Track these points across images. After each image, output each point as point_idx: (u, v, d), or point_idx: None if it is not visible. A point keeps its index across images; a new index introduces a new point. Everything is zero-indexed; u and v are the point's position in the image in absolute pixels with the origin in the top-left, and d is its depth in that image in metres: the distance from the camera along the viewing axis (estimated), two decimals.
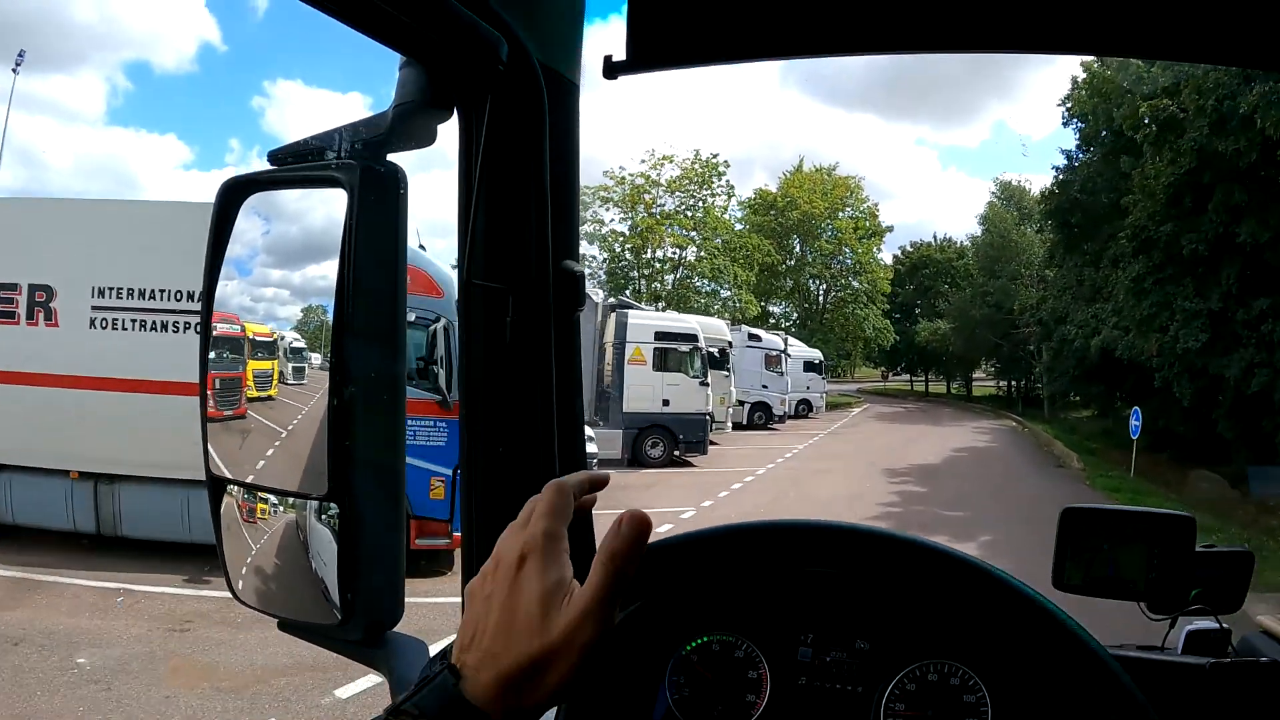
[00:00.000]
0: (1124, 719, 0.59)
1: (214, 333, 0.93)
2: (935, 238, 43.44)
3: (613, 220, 35.24)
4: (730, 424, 19.16)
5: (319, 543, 0.89)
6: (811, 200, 38.62)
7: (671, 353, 15.14)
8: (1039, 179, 38.82)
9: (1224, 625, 0.94)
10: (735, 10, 0.78)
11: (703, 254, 35.63)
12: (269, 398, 0.94)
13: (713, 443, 16.84)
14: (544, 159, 0.77)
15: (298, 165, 0.88)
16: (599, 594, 0.50)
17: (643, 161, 36.76)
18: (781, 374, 23.43)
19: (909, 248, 43.73)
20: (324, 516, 0.88)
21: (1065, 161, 22.82)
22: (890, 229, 41.74)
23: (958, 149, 60.63)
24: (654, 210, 35.45)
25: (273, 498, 0.94)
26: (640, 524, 0.52)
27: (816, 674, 0.82)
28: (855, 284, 39.56)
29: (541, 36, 0.79)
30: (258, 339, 0.98)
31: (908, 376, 45.37)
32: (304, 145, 0.89)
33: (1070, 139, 26.05)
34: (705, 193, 36.11)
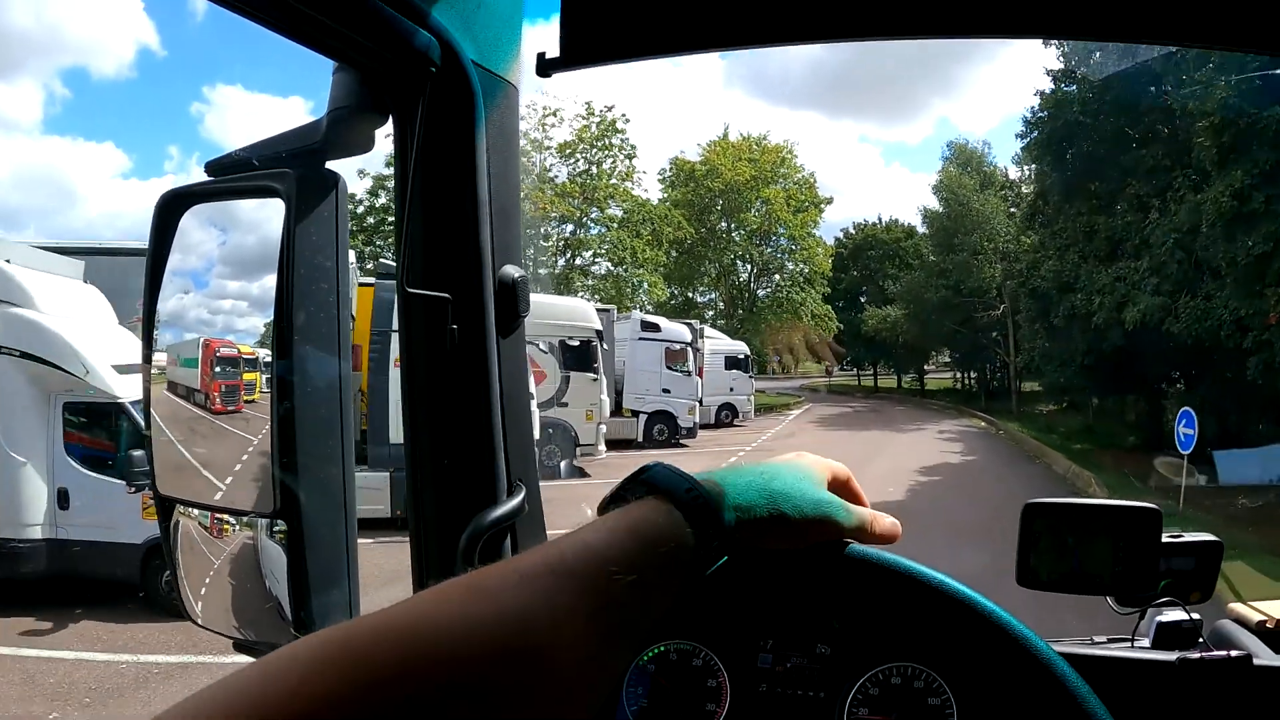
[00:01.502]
0: (1074, 714, 0.58)
1: (218, 354, 0.95)
2: (880, 220, 37.33)
3: None
4: (603, 444, 13.34)
5: (271, 560, 0.88)
6: (736, 168, 31.81)
7: None
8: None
9: (1194, 616, 0.92)
10: (671, 1, 0.76)
11: (596, 228, 29.10)
12: (252, 402, 0.96)
13: (580, 469, 12.66)
14: (481, 162, 0.76)
15: (235, 176, 0.86)
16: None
17: (522, 119, 32.97)
18: (689, 373, 17.43)
19: (851, 230, 37.49)
20: (274, 534, 0.86)
21: (1052, 85, 17.36)
22: (830, 201, 35.23)
23: (900, 145, 60.43)
24: (536, 175, 27.91)
25: (224, 516, 0.93)
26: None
27: (777, 680, 0.81)
28: (790, 265, 33.32)
29: (476, 37, 0.77)
30: (244, 357, 1.06)
31: (854, 371, 39.07)
32: (240, 155, 0.87)
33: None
34: (600, 154, 29.25)
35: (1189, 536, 0.94)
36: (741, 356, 22.08)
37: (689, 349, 17.59)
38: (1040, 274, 19.06)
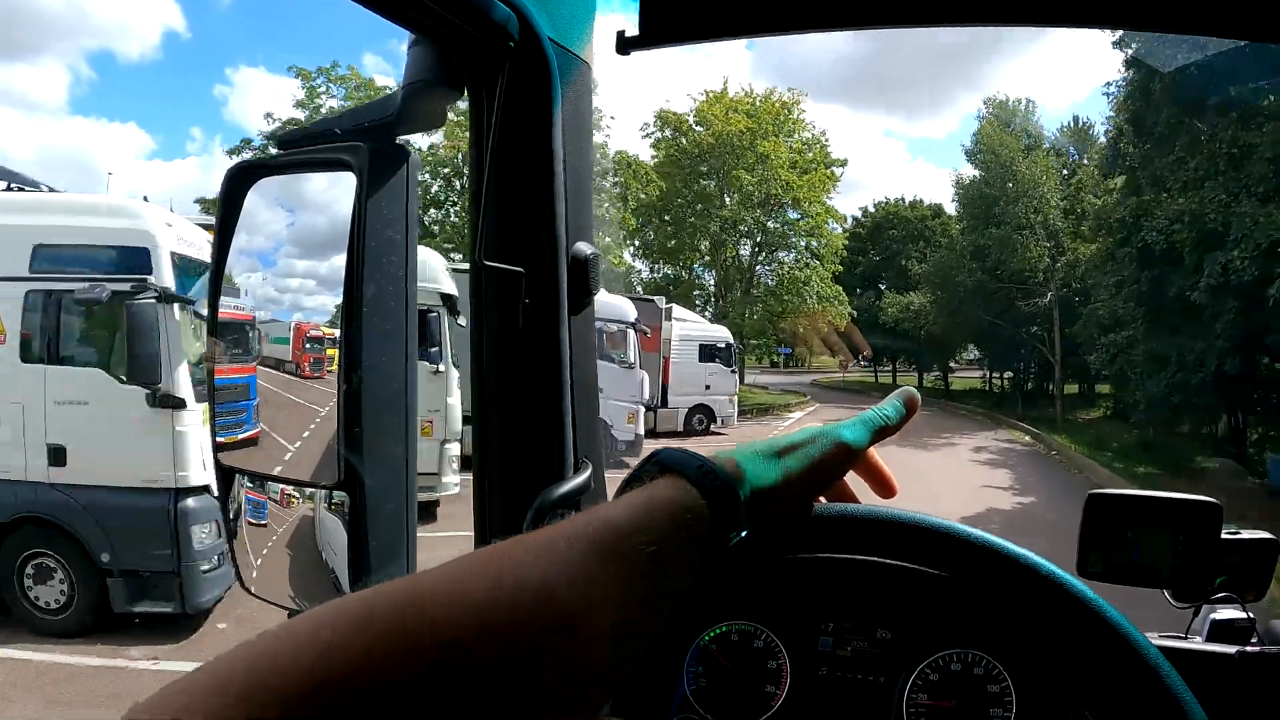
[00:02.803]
0: (1162, 711, 0.57)
1: (308, 335, 0.96)
2: (904, 200, 32.44)
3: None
4: (453, 478, 8.21)
5: (329, 533, 0.88)
6: (729, 120, 25.91)
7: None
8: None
9: (1249, 613, 0.92)
10: None
11: None
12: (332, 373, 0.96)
13: (425, 511, 7.43)
14: (556, 138, 0.76)
15: (305, 149, 0.86)
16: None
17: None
18: (631, 366, 11.81)
19: (871, 208, 32.31)
20: (333, 506, 0.87)
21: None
22: (844, 163, 28.65)
23: (926, 140, 59.87)
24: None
25: (284, 486, 0.93)
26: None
27: (837, 664, 0.81)
28: (798, 240, 27.42)
29: (552, 13, 0.77)
30: (327, 336, 1.04)
31: (871, 366, 34.22)
32: (312, 129, 0.87)
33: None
34: None
35: (1247, 534, 0.93)
36: (721, 345, 17.12)
37: (628, 332, 11.76)
38: (1146, 230, 13.10)
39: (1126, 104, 15.15)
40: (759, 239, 27.65)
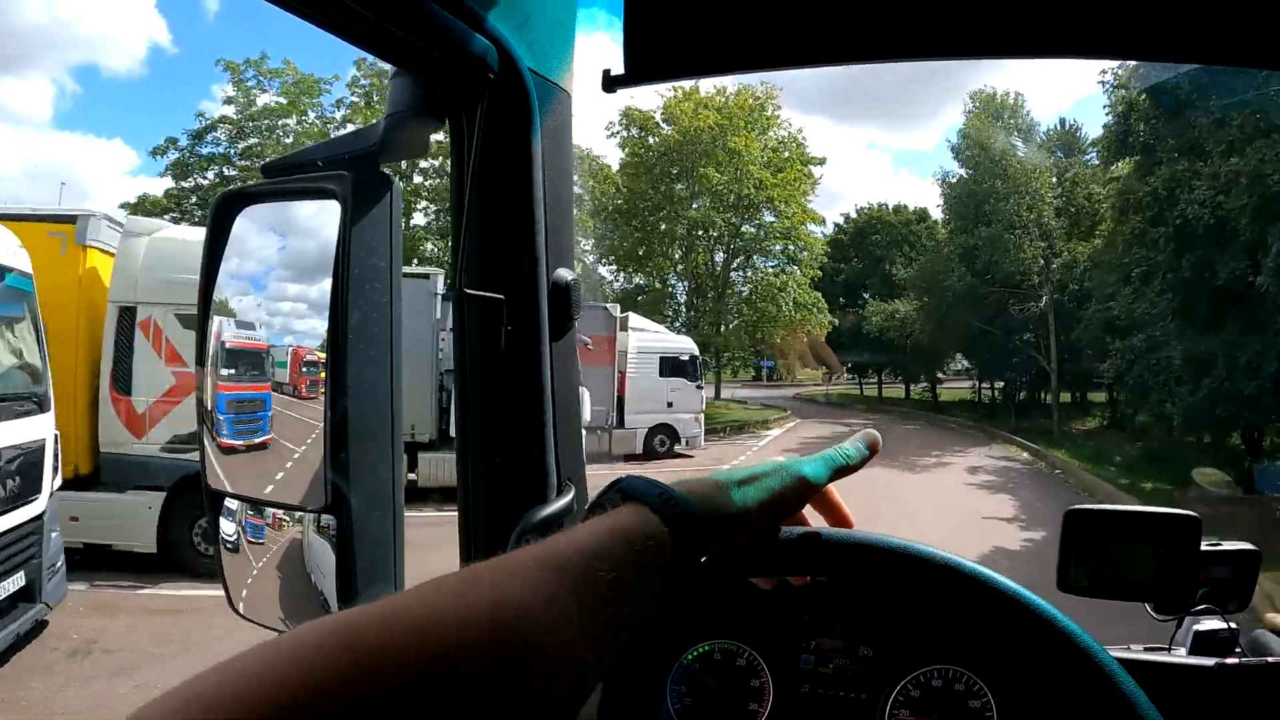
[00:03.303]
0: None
1: (305, 360, 0.97)
2: (886, 205, 30.26)
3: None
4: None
5: (318, 556, 0.89)
6: (697, 115, 23.42)
7: None
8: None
9: (1231, 624, 0.93)
10: (733, 22, 0.78)
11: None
12: None
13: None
14: (536, 167, 0.77)
15: (291, 178, 0.88)
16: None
17: None
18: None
19: (853, 214, 30.25)
20: (321, 530, 0.87)
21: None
22: (823, 161, 25.94)
23: (910, 153, 59.81)
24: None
25: (274, 511, 0.94)
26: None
27: (820, 681, 0.81)
28: (765, 239, 24.53)
29: (532, 44, 0.78)
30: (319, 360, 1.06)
31: (856, 379, 31.66)
32: (297, 157, 0.89)
33: None
34: None
35: (1228, 545, 0.94)
36: (685, 357, 15.26)
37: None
38: (1184, 204, 11.23)
39: (1137, 72, 13.39)
40: (732, 244, 24.79)
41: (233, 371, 0.98)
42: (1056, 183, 20.86)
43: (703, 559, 0.51)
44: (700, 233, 24.44)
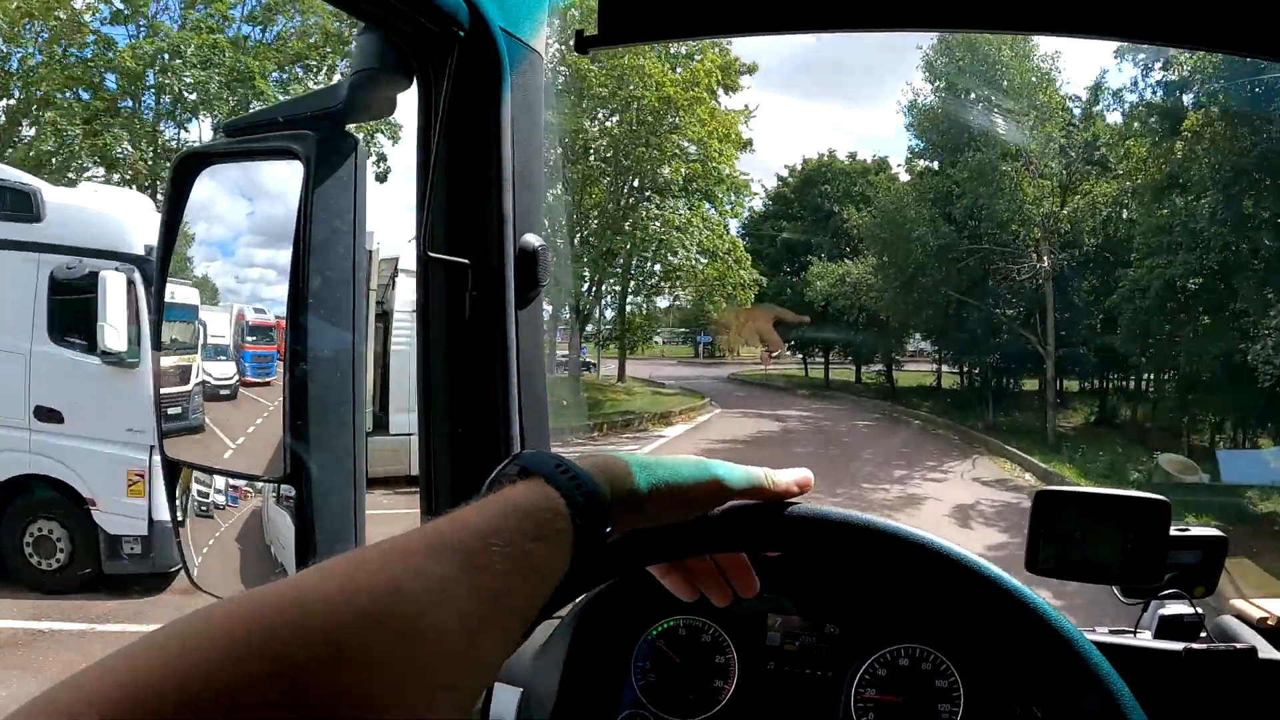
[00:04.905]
0: (1099, 700, 0.57)
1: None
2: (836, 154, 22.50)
3: None
4: None
5: (278, 527, 0.87)
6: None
7: None
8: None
9: (1198, 609, 0.93)
10: None
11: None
12: None
13: None
14: (505, 128, 0.75)
15: (253, 137, 0.85)
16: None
17: None
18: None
19: (798, 166, 22.42)
20: (282, 500, 0.85)
21: None
22: (754, 69, 17.73)
23: (872, 137, 58.78)
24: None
25: (233, 480, 0.92)
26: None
27: (785, 659, 0.81)
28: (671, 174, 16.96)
29: (503, 3, 0.76)
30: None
31: (802, 359, 23.82)
32: (260, 116, 0.86)
33: None
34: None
35: (1196, 530, 0.94)
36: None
37: None
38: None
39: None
40: (629, 178, 17.48)
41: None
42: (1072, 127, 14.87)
43: (609, 536, 0.49)
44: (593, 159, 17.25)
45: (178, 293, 0.94)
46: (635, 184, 17.38)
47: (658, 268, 18.01)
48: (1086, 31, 0.85)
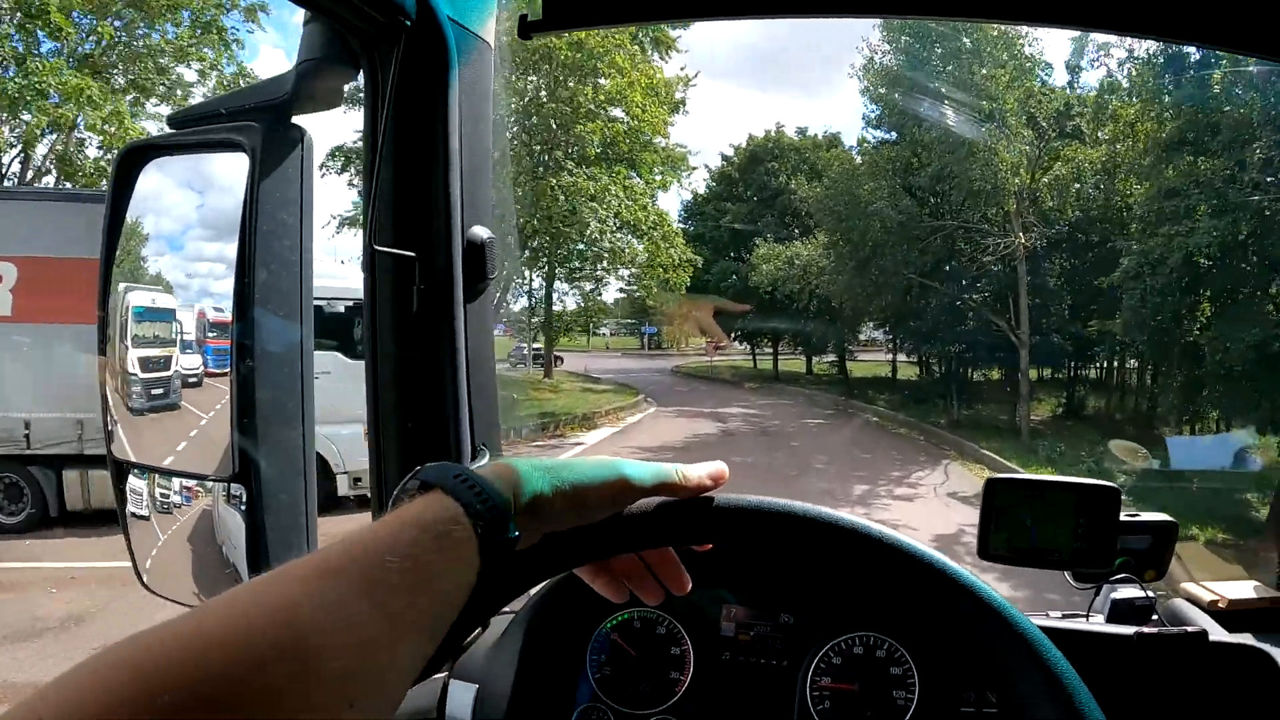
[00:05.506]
0: (1045, 684, 0.58)
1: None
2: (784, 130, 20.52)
3: None
4: None
5: (227, 527, 0.85)
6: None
7: None
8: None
9: (1149, 593, 0.94)
10: None
11: None
12: None
13: None
14: (452, 119, 0.74)
15: (199, 129, 0.84)
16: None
17: None
18: None
19: (742, 144, 20.43)
20: (232, 499, 0.84)
21: None
22: (690, 81, 15.92)
23: (824, 127, 58.08)
24: None
25: (181, 480, 0.90)
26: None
27: (740, 649, 0.81)
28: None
29: None
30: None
31: (750, 349, 21.85)
32: (206, 107, 0.84)
33: None
34: None
35: (1146, 516, 0.96)
36: (343, 310, 6.27)
37: None
38: None
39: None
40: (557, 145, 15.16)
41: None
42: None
43: (517, 543, 0.49)
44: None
45: (157, 299, 0.93)
46: (559, 156, 14.92)
47: (580, 248, 15.64)
48: (1076, 23, 0.85)
